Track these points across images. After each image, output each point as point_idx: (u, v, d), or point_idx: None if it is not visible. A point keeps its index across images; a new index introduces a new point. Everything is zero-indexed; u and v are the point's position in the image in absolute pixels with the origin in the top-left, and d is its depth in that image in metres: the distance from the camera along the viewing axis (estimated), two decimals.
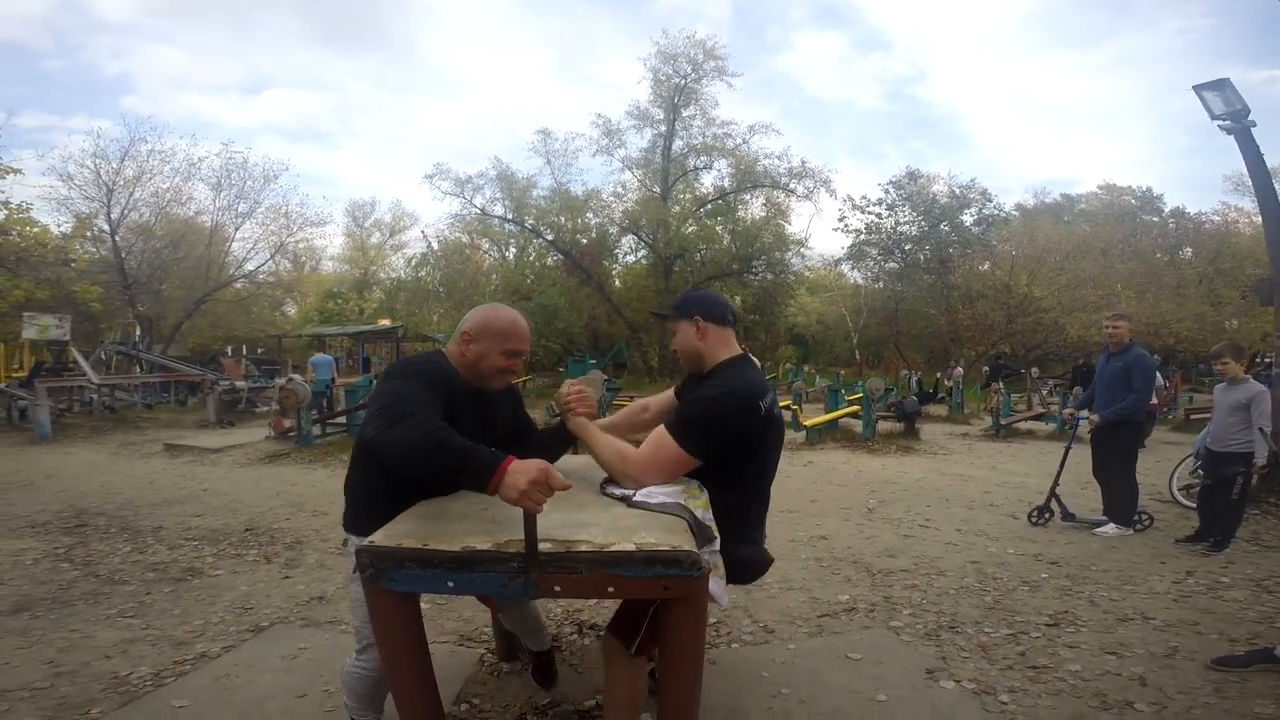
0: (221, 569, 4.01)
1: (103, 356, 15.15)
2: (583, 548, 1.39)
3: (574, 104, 66.44)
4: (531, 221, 26.74)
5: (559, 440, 2.13)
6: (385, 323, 26.60)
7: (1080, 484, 5.85)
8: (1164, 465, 5.97)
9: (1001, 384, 15.12)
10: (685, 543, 1.41)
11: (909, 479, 7.04)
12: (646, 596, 1.40)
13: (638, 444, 1.85)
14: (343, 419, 9.71)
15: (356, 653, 1.93)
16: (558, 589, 1.39)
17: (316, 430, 9.23)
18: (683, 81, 26.39)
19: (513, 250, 29.69)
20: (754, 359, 2.07)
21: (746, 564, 1.87)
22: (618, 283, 29.45)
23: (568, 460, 2.23)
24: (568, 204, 26.39)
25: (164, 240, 19.75)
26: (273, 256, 24.35)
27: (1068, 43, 72.94)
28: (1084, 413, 5.04)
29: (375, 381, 1.77)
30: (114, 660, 2.74)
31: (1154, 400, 10.08)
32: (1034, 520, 5.02)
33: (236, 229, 22.41)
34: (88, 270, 16.97)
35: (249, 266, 23.25)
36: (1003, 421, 11.00)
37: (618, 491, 1.76)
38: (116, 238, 18.45)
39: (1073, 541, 4.54)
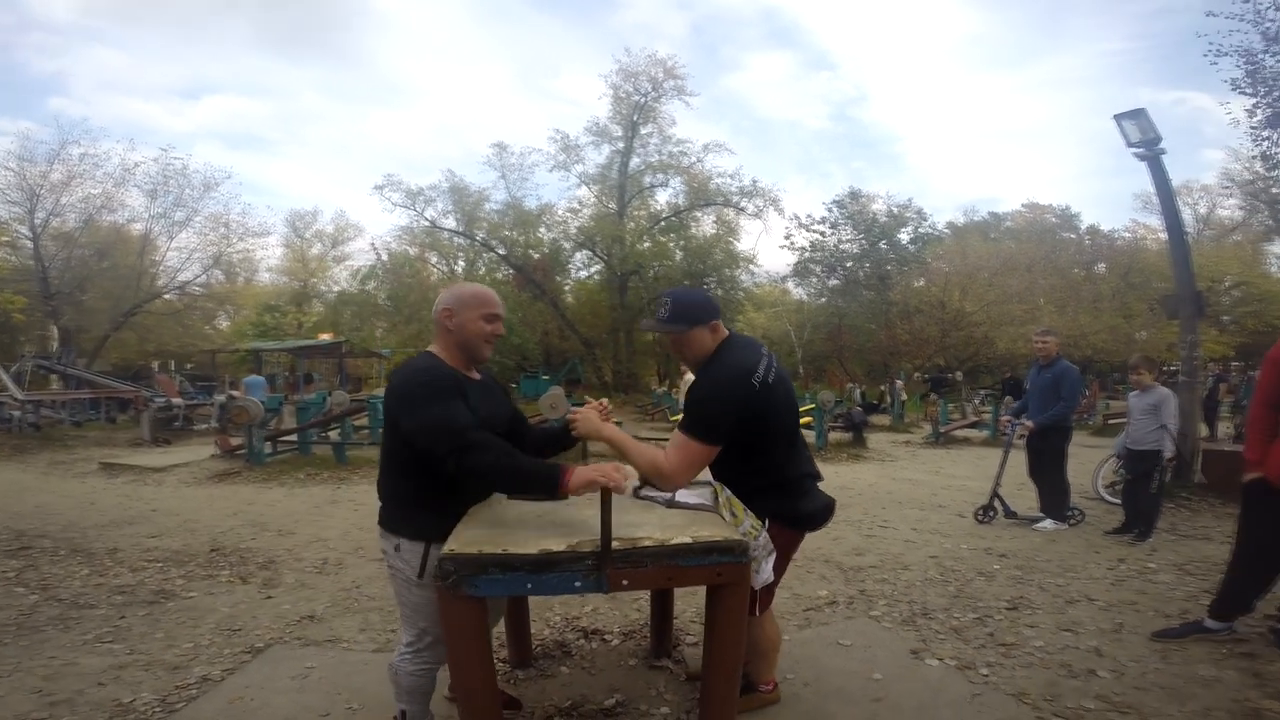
0: (195, 590, 3.90)
1: (24, 370, 14.11)
2: (646, 543, 1.52)
3: (531, 118, 65.95)
4: (482, 235, 26.35)
5: (558, 442, 2.21)
6: (326, 337, 25.69)
7: (1017, 485, 6.34)
8: (1087, 466, 6.54)
9: (938, 395, 15.96)
10: (731, 533, 1.58)
11: (862, 484, 7.43)
12: (702, 584, 1.55)
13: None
14: (294, 437, 9.41)
15: (414, 653, 1.88)
16: (625, 583, 1.50)
17: (268, 448, 8.93)
18: (643, 99, 26.46)
19: (462, 264, 29.20)
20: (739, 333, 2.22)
21: (810, 515, 2.09)
22: (570, 298, 29.35)
23: None
24: (521, 218, 26.15)
25: (90, 249, 18.62)
26: (209, 269, 23.25)
27: (998, 65, 76.19)
28: (1019, 420, 5.51)
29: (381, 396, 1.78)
30: (109, 687, 2.65)
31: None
32: (979, 518, 5.43)
33: (172, 238, 21.36)
34: (8, 279, 15.83)
35: (182, 277, 22.16)
36: (941, 430, 11.64)
37: (656, 495, 1.91)
38: (39, 245, 17.29)
39: (1016, 536, 4.96)
